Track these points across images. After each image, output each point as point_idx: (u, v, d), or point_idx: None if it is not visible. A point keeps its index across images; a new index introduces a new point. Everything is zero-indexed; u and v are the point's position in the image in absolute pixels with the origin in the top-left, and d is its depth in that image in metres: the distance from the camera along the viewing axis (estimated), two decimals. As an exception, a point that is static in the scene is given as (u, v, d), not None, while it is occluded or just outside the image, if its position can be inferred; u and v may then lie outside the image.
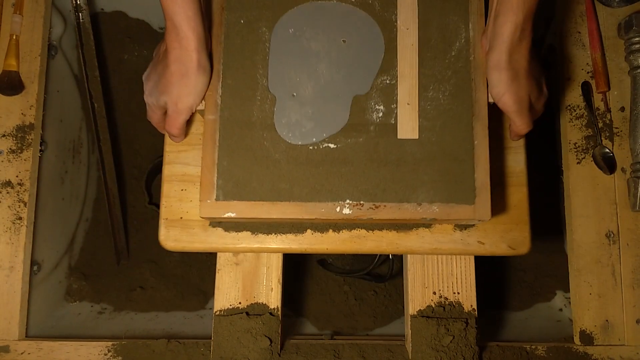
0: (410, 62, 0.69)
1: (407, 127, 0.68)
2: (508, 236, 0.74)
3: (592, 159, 0.82)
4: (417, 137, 0.68)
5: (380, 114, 0.69)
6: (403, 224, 0.74)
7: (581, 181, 0.82)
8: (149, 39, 1.20)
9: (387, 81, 0.69)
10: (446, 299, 0.75)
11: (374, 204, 0.67)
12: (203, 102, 0.69)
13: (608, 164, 0.81)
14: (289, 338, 0.79)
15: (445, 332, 0.73)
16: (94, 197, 1.18)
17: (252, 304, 0.75)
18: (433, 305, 0.75)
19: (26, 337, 0.82)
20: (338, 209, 0.67)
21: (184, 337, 0.79)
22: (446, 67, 0.69)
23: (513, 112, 0.66)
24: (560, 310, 1.06)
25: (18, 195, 0.83)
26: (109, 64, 1.19)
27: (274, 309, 0.75)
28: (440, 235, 0.74)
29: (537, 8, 0.63)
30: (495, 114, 0.71)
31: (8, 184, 0.83)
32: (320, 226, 0.74)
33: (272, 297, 0.75)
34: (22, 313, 0.82)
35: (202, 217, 0.67)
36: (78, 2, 1.02)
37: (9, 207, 0.83)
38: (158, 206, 1.16)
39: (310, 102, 0.69)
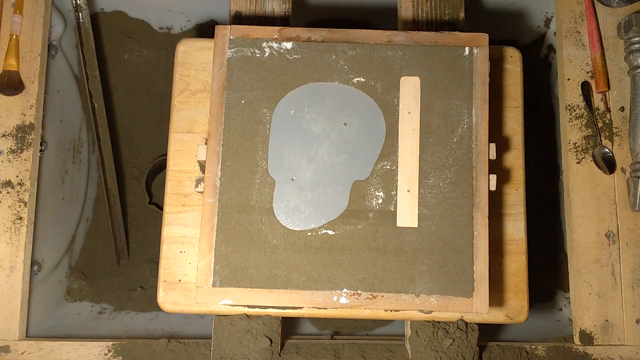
0: (411, 147, 0.69)
1: (407, 215, 0.68)
2: (506, 305, 0.74)
3: (591, 158, 0.82)
4: (416, 226, 0.67)
5: (380, 201, 0.68)
6: None
7: (581, 181, 0.81)
8: (149, 39, 1.20)
9: (388, 167, 0.68)
10: (446, 299, 0.75)
11: (371, 294, 0.66)
12: (202, 184, 0.69)
13: (608, 164, 0.81)
14: (289, 338, 0.79)
15: (445, 333, 0.73)
16: (94, 197, 1.18)
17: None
18: (433, 305, 0.75)
19: (26, 337, 0.82)
20: (335, 298, 0.66)
21: (184, 337, 0.79)
22: (447, 154, 0.68)
23: None
24: (560, 310, 1.06)
25: (18, 195, 0.83)
26: (109, 64, 1.19)
27: (274, 309, 0.75)
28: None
29: None
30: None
31: (8, 184, 0.83)
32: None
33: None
34: (23, 313, 0.81)
35: (198, 303, 0.67)
36: (78, 2, 1.02)
37: (9, 207, 0.83)
38: (158, 206, 1.17)
39: (310, 187, 0.68)
